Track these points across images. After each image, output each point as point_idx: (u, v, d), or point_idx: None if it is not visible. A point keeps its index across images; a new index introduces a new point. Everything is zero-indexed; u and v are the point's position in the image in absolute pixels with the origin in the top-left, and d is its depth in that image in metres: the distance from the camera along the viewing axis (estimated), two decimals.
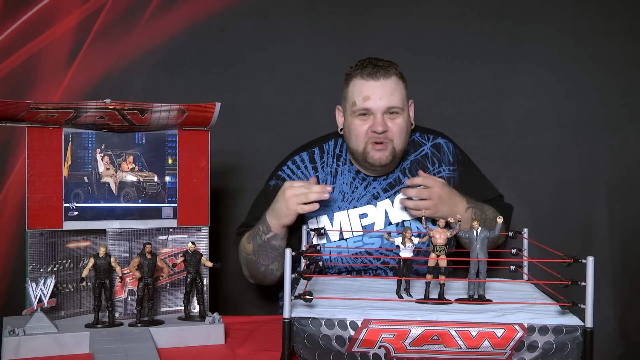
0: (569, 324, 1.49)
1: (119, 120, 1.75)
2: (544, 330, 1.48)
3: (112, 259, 1.71)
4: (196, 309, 1.78)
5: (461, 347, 1.48)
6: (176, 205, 1.84)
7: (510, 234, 1.79)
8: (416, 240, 1.62)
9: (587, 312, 1.47)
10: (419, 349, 1.49)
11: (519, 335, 1.48)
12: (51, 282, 1.66)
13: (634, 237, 2.64)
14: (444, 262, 1.58)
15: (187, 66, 2.58)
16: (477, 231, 1.61)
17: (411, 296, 1.64)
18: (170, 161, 1.85)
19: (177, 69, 2.57)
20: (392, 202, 2.13)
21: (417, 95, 2.51)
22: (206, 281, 1.82)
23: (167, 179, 1.85)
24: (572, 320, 1.50)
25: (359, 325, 1.49)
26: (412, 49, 2.61)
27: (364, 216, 2.13)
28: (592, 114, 2.64)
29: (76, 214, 1.77)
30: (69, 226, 1.77)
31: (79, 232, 1.80)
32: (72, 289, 1.80)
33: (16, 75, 2.49)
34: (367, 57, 2.09)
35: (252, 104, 2.60)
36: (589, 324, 1.47)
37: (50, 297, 1.65)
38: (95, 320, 1.70)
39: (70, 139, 1.76)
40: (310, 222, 2.10)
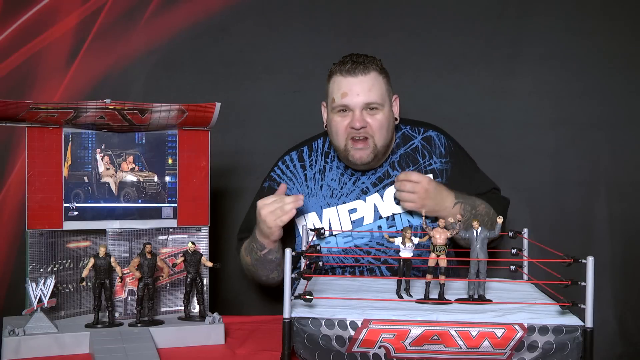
0: (569, 324, 1.49)
1: (119, 120, 1.75)
2: (544, 330, 1.48)
3: (112, 259, 1.71)
4: (196, 309, 1.78)
5: (461, 347, 1.48)
6: (176, 205, 1.84)
7: (510, 234, 1.79)
8: (416, 240, 1.62)
9: (587, 312, 1.47)
10: (419, 349, 1.49)
11: (519, 335, 1.48)
12: (51, 282, 1.66)
13: (634, 237, 2.64)
14: (444, 262, 1.58)
15: (187, 66, 2.58)
16: (477, 231, 1.61)
17: (411, 296, 1.64)
18: (170, 161, 1.85)
19: (177, 69, 2.57)
20: (382, 196, 2.12)
21: (417, 95, 2.52)
22: (206, 281, 1.82)
23: (167, 179, 1.85)
24: (572, 320, 1.50)
25: (359, 325, 1.49)
26: (412, 49, 2.61)
27: (353, 211, 2.12)
28: (592, 114, 2.64)
29: (76, 214, 1.77)
30: (69, 226, 1.77)
31: (79, 232, 1.80)
32: (72, 289, 1.80)
33: (16, 75, 2.49)
34: (350, 53, 2.08)
35: (252, 104, 2.60)
36: (589, 324, 1.47)
37: (50, 297, 1.65)
38: (95, 320, 1.70)
39: (70, 139, 1.76)
40: (297, 220, 2.10)
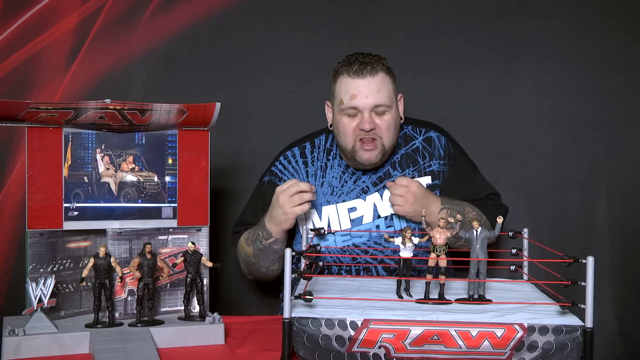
0: (569, 324, 1.49)
1: (119, 120, 1.75)
2: (544, 330, 1.48)
3: (112, 259, 1.71)
4: (196, 309, 1.78)
5: (461, 347, 1.48)
6: (176, 205, 1.84)
7: (510, 234, 1.79)
8: (416, 240, 1.62)
9: (587, 312, 1.47)
10: (419, 349, 1.49)
11: (519, 335, 1.48)
12: (51, 282, 1.66)
13: (634, 237, 2.64)
14: (444, 262, 1.58)
15: (187, 66, 2.58)
16: (477, 231, 1.61)
17: (411, 296, 1.64)
18: (170, 161, 1.85)
19: (177, 69, 2.57)
20: (382, 196, 2.12)
21: (417, 95, 2.52)
22: (206, 281, 1.82)
23: (167, 179, 1.85)
24: (572, 320, 1.50)
25: (359, 325, 1.49)
26: (412, 49, 2.62)
27: (352, 210, 2.12)
28: (592, 114, 2.64)
29: (76, 214, 1.77)
30: (69, 226, 1.77)
31: (79, 232, 1.80)
32: (72, 289, 1.80)
33: (16, 75, 2.49)
34: (355, 52, 2.07)
35: (252, 104, 2.60)
36: (589, 324, 1.47)
37: (50, 297, 1.65)
38: (95, 320, 1.70)
39: (70, 139, 1.76)
40: (298, 217, 2.10)
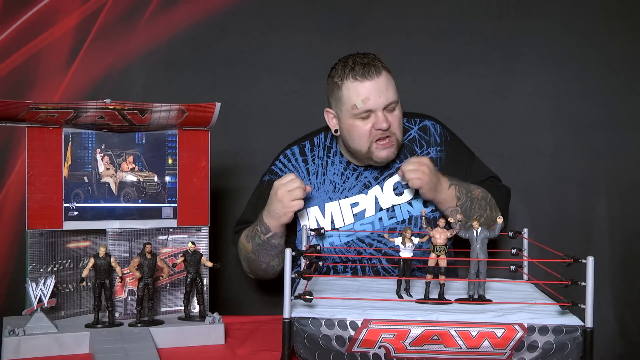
0: (569, 324, 1.49)
1: (119, 120, 1.75)
2: (544, 330, 1.48)
3: (112, 259, 1.71)
4: (196, 309, 1.78)
5: (461, 347, 1.48)
6: (176, 205, 1.84)
7: (510, 234, 1.79)
8: (416, 240, 1.61)
9: (587, 312, 1.47)
10: (419, 349, 1.49)
11: (519, 335, 1.48)
12: (51, 282, 1.66)
13: (634, 237, 2.64)
14: (444, 262, 1.58)
15: (187, 66, 2.57)
16: (477, 231, 1.61)
17: (411, 296, 1.64)
18: (170, 161, 1.85)
19: (177, 69, 2.57)
20: (382, 188, 2.12)
21: (418, 95, 2.52)
22: (206, 281, 1.82)
23: (167, 179, 1.85)
24: (572, 320, 1.50)
25: (359, 325, 1.49)
26: (412, 49, 2.61)
27: (355, 205, 2.13)
28: (592, 114, 2.64)
29: (76, 214, 1.77)
30: (69, 226, 1.77)
31: (79, 232, 1.80)
32: (72, 289, 1.80)
33: (16, 75, 2.49)
34: (349, 55, 2.06)
35: (252, 104, 2.60)
36: (589, 324, 1.47)
37: (50, 297, 1.65)
38: (95, 320, 1.70)
39: (70, 139, 1.76)
40: (300, 214, 2.10)
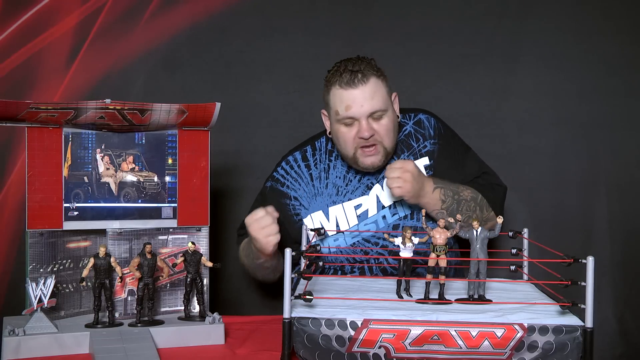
0: (569, 324, 1.49)
1: (119, 120, 1.75)
2: (544, 330, 1.48)
3: (112, 259, 1.71)
4: (196, 309, 1.78)
5: (461, 347, 1.48)
6: (176, 205, 1.84)
7: (510, 234, 1.79)
8: (416, 240, 1.61)
9: (587, 312, 1.47)
10: (419, 349, 1.49)
11: (519, 335, 1.48)
12: (51, 282, 1.66)
13: (634, 237, 2.64)
14: (444, 262, 1.58)
15: (187, 66, 2.58)
16: (477, 231, 1.61)
17: (411, 296, 1.64)
18: (170, 161, 1.85)
19: (177, 69, 2.57)
20: (382, 186, 2.12)
21: (417, 95, 2.52)
22: (206, 281, 1.82)
23: (167, 179, 1.85)
24: (572, 320, 1.50)
25: (359, 325, 1.49)
26: (412, 49, 2.61)
27: (358, 207, 2.13)
28: (592, 114, 2.64)
29: (76, 214, 1.77)
30: (69, 226, 1.77)
31: (79, 232, 1.80)
32: (72, 289, 1.80)
33: (16, 75, 2.49)
34: (342, 61, 2.05)
35: (252, 104, 2.60)
36: (589, 324, 1.47)
37: (50, 297, 1.65)
38: (95, 320, 1.70)
39: (70, 139, 1.76)
40: (305, 220, 2.11)
